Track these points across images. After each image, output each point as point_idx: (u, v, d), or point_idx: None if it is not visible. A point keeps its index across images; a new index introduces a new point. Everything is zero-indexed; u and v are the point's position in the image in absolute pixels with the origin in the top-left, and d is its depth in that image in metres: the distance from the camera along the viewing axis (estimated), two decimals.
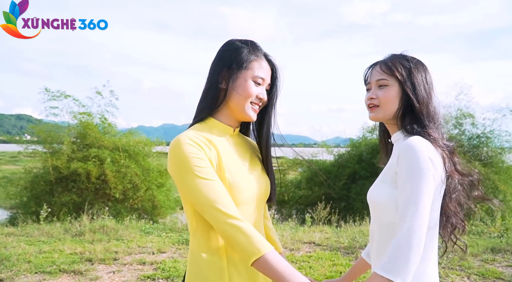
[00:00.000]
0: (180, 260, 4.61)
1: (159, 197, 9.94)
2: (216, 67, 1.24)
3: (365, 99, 1.33)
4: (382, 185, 1.23)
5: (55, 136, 9.39)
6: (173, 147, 1.12)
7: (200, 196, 1.08)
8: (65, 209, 8.50)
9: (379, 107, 1.28)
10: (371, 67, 1.34)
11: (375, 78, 1.30)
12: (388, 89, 1.26)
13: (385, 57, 1.34)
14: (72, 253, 4.81)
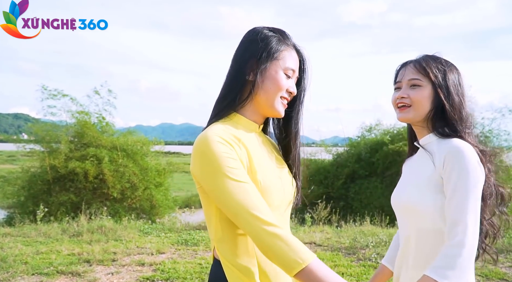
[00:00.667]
0: (179, 261, 4.55)
1: (157, 196, 9.89)
2: (242, 58, 1.11)
3: (394, 98, 1.29)
4: (423, 190, 1.18)
5: (53, 136, 9.32)
6: (200, 145, 1.00)
7: (233, 201, 0.96)
8: (62, 209, 8.44)
9: (411, 107, 1.24)
10: (403, 66, 1.29)
11: (407, 78, 1.25)
12: (421, 89, 1.23)
13: (417, 57, 1.30)
14: (70, 254, 4.75)
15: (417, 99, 1.23)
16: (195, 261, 4.57)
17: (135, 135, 10.36)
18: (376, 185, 11.14)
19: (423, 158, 1.26)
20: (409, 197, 1.22)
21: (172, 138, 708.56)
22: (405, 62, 1.31)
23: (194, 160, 1.02)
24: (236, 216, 0.97)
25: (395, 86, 1.31)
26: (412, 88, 1.24)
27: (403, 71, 1.28)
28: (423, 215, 1.17)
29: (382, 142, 11.74)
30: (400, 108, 1.27)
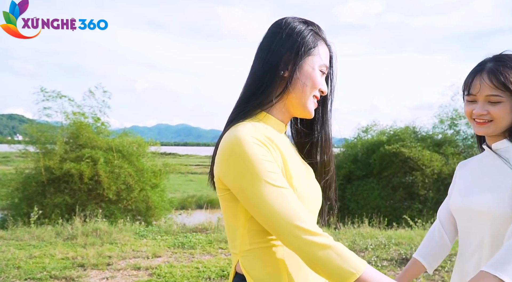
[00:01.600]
0: (176, 265, 4.47)
1: (153, 197, 9.84)
2: (276, 51, 0.97)
3: (469, 111, 1.23)
4: (501, 195, 1.14)
5: (48, 137, 9.25)
6: (231, 146, 0.88)
7: (273, 210, 0.85)
8: (57, 211, 8.36)
9: (492, 122, 1.19)
10: (477, 76, 1.21)
11: (485, 93, 1.18)
12: (502, 105, 1.17)
13: (489, 62, 1.21)
14: (64, 258, 4.65)
15: (498, 115, 1.17)
16: (192, 265, 4.49)
17: (130, 136, 10.31)
18: (373, 186, 11.11)
19: (495, 162, 1.22)
20: (484, 201, 1.18)
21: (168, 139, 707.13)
22: (478, 70, 1.21)
23: (223, 163, 0.90)
24: (276, 226, 0.86)
25: (469, 99, 1.23)
26: (491, 104, 1.18)
27: (477, 83, 1.19)
28: (501, 221, 1.13)
29: (378, 143, 11.72)
30: (480, 123, 1.21)
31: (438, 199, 10.27)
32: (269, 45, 0.99)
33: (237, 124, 0.94)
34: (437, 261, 1.38)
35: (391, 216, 9.98)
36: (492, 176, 1.20)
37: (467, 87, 1.23)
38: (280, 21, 1.01)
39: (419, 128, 11.98)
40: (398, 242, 5.53)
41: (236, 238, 0.96)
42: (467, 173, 1.34)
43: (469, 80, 1.22)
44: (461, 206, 1.26)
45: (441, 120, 11.64)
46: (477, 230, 1.20)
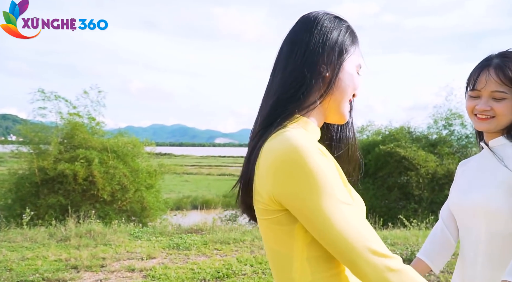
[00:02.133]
0: (171, 266, 4.43)
1: (149, 198, 9.80)
2: (315, 49, 0.84)
3: (471, 106, 1.23)
4: (497, 192, 1.15)
5: (42, 137, 9.18)
6: (292, 156, 0.73)
7: (344, 229, 0.72)
8: (51, 211, 8.30)
9: (494, 118, 1.19)
10: (483, 70, 1.20)
11: (490, 89, 1.18)
12: (507, 102, 1.17)
13: (494, 58, 1.21)
14: (57, 259, 4.59)
15: (502, 112, 1.17)
16: (187, 266, 4.45)
17: (125, 136, 10.25)
18: (368, 186, 11.12)
19: (492, 159, 1.22)
20: (482, 199, 1.18)
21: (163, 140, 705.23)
22: (484, 65, 1.21)
23: (280, 176, 0.74)
24: (347, 249, 0.72)
25: (473, 94, 1.23)
26: (495, 100, 1.18)
27: (483, 79, 1.19)
28: (496, 218, 1.14)
29: (374, 143, 11.74)
30: (481, 119, 1.21)
31: (433, 199, 10.30)
32: (306, 42, 0.85)
33: (282, 130, 0.79)
34: (442, 260, 1.36)
35: (386, 216, 10.00)
36: (487, 174, 1.21)
37: (472, 82, 1.22)
38: (312, 16, 0.89)
39: (414, 128, 12.02)
40: (393, 242, 5.53)
41: (292, 270, 0.79)
42: (466, 172, 1.34)
43: (475, 75, 1.21)
44: (458, 204, 1.27)
45: (436, 121, 11.69)
46: (474, 227, 1.21)
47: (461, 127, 11.22)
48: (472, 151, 10.99)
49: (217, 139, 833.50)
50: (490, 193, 1.16)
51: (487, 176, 1.21)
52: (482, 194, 1.18)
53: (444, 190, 10.27)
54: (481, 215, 1.17)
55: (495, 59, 1.20)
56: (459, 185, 1.32)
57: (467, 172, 1.33)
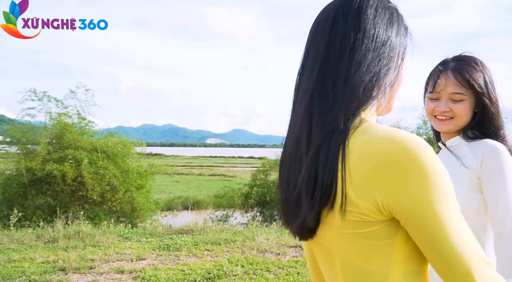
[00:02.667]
0: (161, 268, 4.38)
1: (139, 199, 9.71)
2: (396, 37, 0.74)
3: (431, 108, 1.27)
4: (461, 190, 1.16)
5: (30, 137, 9.06)
6: (410, 156, 0.62)
7: (463, 239, 0.63)
8: (39, 212, 8.18)
9: (453, 119, 1.24)
10: (441, 75, 1.24)
11: (449, 91, 1.22)
12: (464, 103, 1.22)
13: (450, 61, 1.26)
14: (44, 261, 4.51)
15: (460, 112, 1.22)
16: (178, 268, 4.41)
17: (115, 136, 10.15)
18: None
19: (449, 158, 1.26)
20: None
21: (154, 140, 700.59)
22: (442, 68, 1.25)
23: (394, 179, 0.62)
24: (463, 262, 0.62)
25: (432, 97, 1.27)
26: (454, 102, 1.23)
27: (442, 81, 1.23)
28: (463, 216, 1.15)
29: None
30: (441, 120, 1.25)
31: None
32: (372, 27, 0.72)
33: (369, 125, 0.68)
34: None
35: None
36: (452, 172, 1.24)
37: (432, 84, 1.26)
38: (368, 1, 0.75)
39: (404, 129, 12.13)
40: None
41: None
42: None
43: (434, 78, 1.26)
44: None
45: (425, 121, 11.81)
46: None
47: None
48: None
49: (208, 139, 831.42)
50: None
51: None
52: None
53: None
54: None
55: (452, 62, 1.25)
56: None
57: None
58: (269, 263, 4.59)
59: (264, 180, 12.12)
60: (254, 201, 11.41)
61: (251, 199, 11.45)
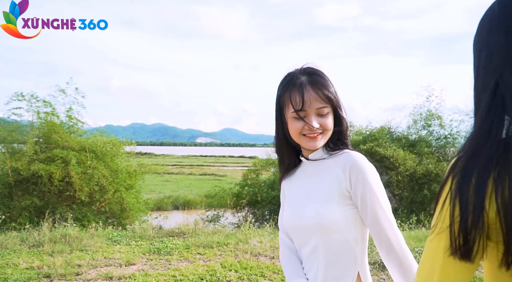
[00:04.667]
0: (151, 273, 4.21)
1: (128, 199, 9.55)
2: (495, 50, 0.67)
3: (299, 129, 1.21)
4: (328, 205, 1.18)
5: (16, 136, 8.82)
6: None
7: None
8: (25, 213, 7.96)
9: (322, 134, 1.22)
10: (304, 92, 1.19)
11: (315, 106, 1.19)
12: (328, 116, 1.22)
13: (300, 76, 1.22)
14: (28, 267, 4.32)
15: (328, 127, 1.21)
16: (169, 273, 4.25)
17: (105, 135, 9.96)
18: None
19: (315, 173, 1.26)
20: (316, 214, 1.19)
21: (143, 139, 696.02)
22: (298, 85, 1.21)
23: None
24: None
25: (297, 116, 1.20)
26: (321, 117, 1.21)
27: (306, 98, 1.19)
28: (335, 229, 1.17)
29: (354, 143, 11.77)
30: (311, 137, 1.21)
31: (413, 198, 10.41)
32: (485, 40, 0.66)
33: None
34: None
35: None
36: (315, 188, 1.24)
37: (297, 103, 1.19)
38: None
39: (394, 128, 12.11)
40: None
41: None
42: (294, 188, 1.33)
43: (295, 97, 1.20)
44: (296, 223, 1.26)
45: (415, 121, 11.83)
46: (310, 243, 1.22)
47: (440, 128, 11.43)
48: (450, 150, 11.16)
49: (199, 138, 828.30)
50: (323, 206, 1.18)
51: (316, 190, 1.23)
52: (317, 209, 1.19)
53: (423, 189, 10.38)
54: (318, 230, 1.19)
55: (304, 77, 1.22)
56: (290, 203, 1.32)
57: (295, 188, 1.32)
58: (263, 267, 4.46)
59: (255, 179, 12.00)
60: (245, 201, 11.29)
61: (243, 198, 11.32)
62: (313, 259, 1.22)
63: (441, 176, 10.34)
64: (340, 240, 1.18)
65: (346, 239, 1.18)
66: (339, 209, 1.17)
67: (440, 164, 10.46)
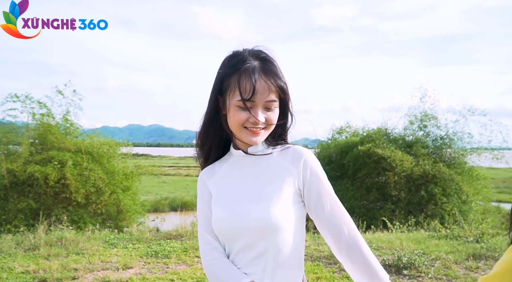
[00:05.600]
0: (149, 277, 4.16)
1: (125, 201, 9.49)
2: None
3: (243, 120, 1.06)
4: (281, 203, 1.06)
5: (11, 138, 8.74)
6: None
7: None
8: (21, 216, 7.88)
9: (265, 129, 1.09)
10: (256, 79, 1.03)
11: (264, 99, 1.05)
12: (275, 109, 1.09)
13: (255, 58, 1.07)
14: (24, 271, 4.25)
15: (273, 122, 1.08)
16: (167, 277, 4.20)
17: (100, 136, 9.89)
18: (347, 186, 11.15)
19: (257, 168, 1.12)
20: (265, 214, 1.05)
21: (140, 140, 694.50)
22: (251, 70, 1.04)
23: None
24: None
25: (244, 105, 1.04)
26: (268, 110, 1.07)
27: (258, 87, 1.03)
28: (288, 230, 1.06)
29: (352, 144, 11.76)
30: (254, 132, 1.07)
31: (410, 199, 10.42)
32: None
33: None
34: None
35: (365, 216, 10.04)
36: (261, 185, 1.10)
37: (247, 91, 1.03)
38: None
39: (391, 129, 12.12)
40: (378, 246, 5.44)
41: None
42: (223, 185, 1.15)
43: (245, 83, 1.03)
44: (231, 224, 1.08)
45: (411, 122, 11.84)
46: (258, 245, 1.07)
47: (436, 129, 11.45)
48: (446, 151, 11.18)
49: None
50: (271, 206, 1.05)
51: (260, 187, 1.09)
52: (263, 210, 1.05)
53: (420, 190, 10.39)
54: (267, 231, 1.05)
55: (257, 62, 1.07)
56: (224, 202, 1.12)
57: (228, 185, 1.14)
58: None
59: None
60: None
61: None
62: (256, 264, 1.08)
63: (438, 177, 10.35)
64: (290, 242, 1.07)
65: (295, 241, 1.09)
66: (291, 208, 1.07)
67: (437, 165, 10.47)
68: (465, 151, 11.09)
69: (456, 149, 11.13)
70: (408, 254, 4.71)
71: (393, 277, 4.31)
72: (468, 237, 6.08)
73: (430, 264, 4.57)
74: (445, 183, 10.33)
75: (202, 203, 1.16)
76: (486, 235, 6.02)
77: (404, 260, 4.53)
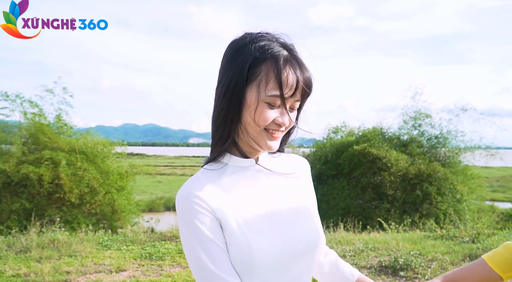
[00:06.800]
0: (143, 280, 4.10)
1: (120, 200, 9.41)
2: None
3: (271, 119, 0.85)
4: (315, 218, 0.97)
5: (3, 137, 8.61)
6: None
7: None
8: (14, 216, 7.78)
9: (282, 133, 0.90)
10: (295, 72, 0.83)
11: (296, 98, 0.86)
12: (295, 112, 0.91)
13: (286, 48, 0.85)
14: (15, 274, 4.17)
15: (291, 125, 0.89)
16: (161, 279, 4.14)
17: (95, 136, 9.79)
18: (343, 185, 11.16)
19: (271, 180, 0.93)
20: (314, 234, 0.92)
21: (135, 139, 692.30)
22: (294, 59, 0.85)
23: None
24: None
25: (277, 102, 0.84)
26: (291, 110, 0.88)
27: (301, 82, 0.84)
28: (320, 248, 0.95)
29: (347, 143, 11.78)
30: (276, 137, 0.88)
31: (405, 199, 10.42)
32: None
33: None
34: None
35: (361, 216, 10.05)
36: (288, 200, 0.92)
37: (288, 86, 0.83)
38: None
39: (386, 129, 12.13)
40: (374, 247, 5.40)
41: None
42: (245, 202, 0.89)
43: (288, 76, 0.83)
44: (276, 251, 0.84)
45: (405, 121, 11.87)
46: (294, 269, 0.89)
47: (430, 128, 11.49)
48: (441, 151, 11.21)
49: (191, 139, 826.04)
50: (314, 223, 0.94)
51: (288, 203, 0.92)
52: (310, 229, 0.91)
53: (415, 190, 10.40)
54: (309, 255, 0.90)
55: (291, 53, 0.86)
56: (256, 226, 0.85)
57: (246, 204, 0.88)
58: None
59: None
60: None
61: None
62: None
63: (433, 176, 10.37)
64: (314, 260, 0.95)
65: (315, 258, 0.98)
66: (319, 222, 0.97)
67: (432, 164, 10.50)
68: (459, 150, 11.13)
69: (450, 148, 11.16)
70: (405, 255, 4.68)
71: (389, 279, 4.28)
72: (464, 237, 6.07)
73: (426, 265, 4.55)
74: (440, 182, 10.36)
75: (206, 234, 0.83)
76: (481, 235, 6.02)
77: (401, 262, 4.50)
